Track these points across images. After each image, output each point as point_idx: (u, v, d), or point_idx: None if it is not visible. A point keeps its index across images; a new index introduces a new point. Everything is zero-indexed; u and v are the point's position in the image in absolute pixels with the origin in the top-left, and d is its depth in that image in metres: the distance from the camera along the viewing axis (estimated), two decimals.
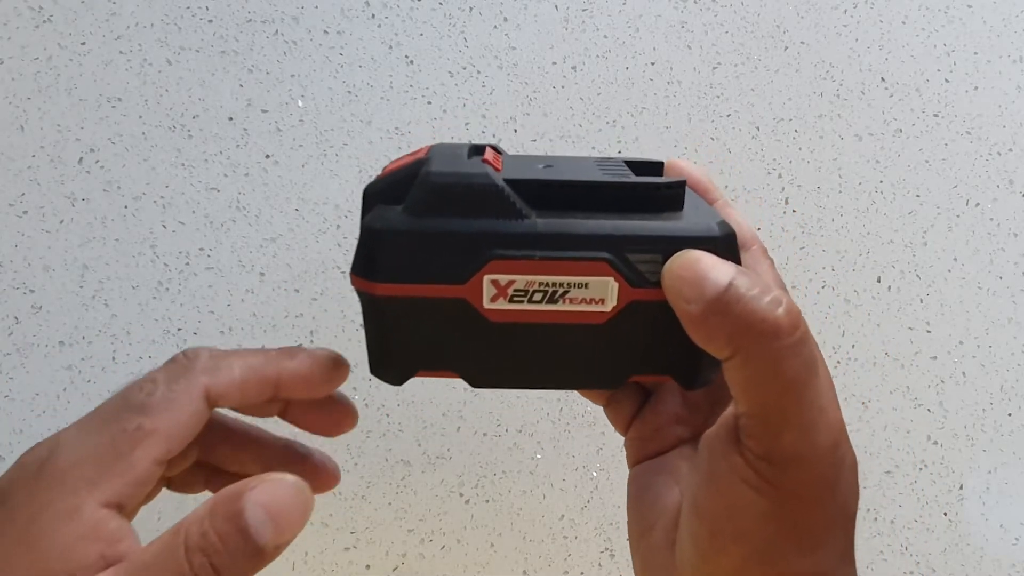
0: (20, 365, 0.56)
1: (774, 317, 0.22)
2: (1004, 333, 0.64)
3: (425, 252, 0.24)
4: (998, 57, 0.60)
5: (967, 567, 0.67)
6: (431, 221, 0.24)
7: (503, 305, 0.25)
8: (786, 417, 0.23)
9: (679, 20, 0.57)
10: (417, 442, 0.61)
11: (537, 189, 0.25)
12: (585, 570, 0.65)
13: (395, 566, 0.63)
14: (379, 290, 0.25)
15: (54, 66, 0.53)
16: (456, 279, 0.24)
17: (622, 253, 0.24)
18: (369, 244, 0.25)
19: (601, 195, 0.26)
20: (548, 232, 0.24)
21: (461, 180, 0.24)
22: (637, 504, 0.29)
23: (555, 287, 0.25)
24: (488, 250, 0.24)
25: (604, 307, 0.25)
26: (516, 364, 0.26)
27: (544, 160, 0.29)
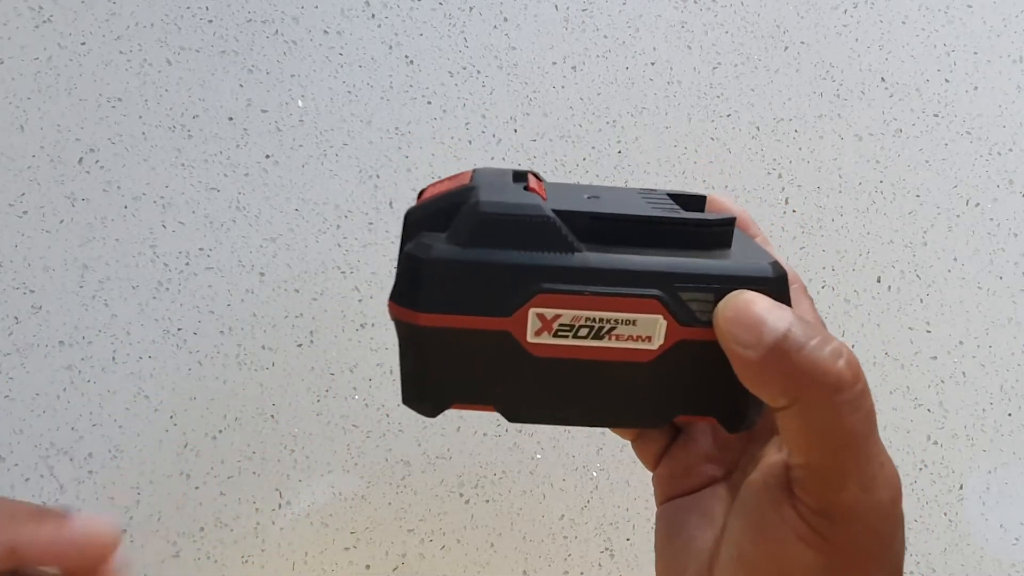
0: (20, 365, 0.56)
1: (837, 370, 0.21)
2: (1004, 333, 0.64)
3: (470, 283, 0.24)
4: (998, 57, 0.60)
5: (967, 567, 0.67)
6: (478, 251, 0.24)
7: (547, 340, 0.24)
8: (846, 472, 0.22)
9: (679, 20, 0.57)
10: (417, 442, 0.61)
11: (587, 222, 0.25)
12: (585, 570, 0.65)
13: (395, 566, 0.63)
14: (422, 320, 0.24)
15: (54, 66, 0.53)
16: (501, 311, 0.24)
17: (673, 291, 0.24)
18: (413, 273, 0.24)
19: (651, 230, 0.25)
20: (598, 267, 0.24)
21: (512, 211, 0.24)
22: (667, 545, 0.28)
23: (602, 323, 0.24)
24: (536, 283, 0.24)
25: (651, 345, 0.24)
26: (555, 400, 0.26)
27: (587, 190, 0.28)
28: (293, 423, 0.59)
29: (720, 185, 0.60)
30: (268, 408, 0.59)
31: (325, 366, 0.59)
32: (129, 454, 0.58)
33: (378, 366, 0.59)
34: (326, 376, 0.59)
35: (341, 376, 0.59)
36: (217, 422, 0.58)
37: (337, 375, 0.59)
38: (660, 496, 0.30)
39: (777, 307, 0.22)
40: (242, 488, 0.59)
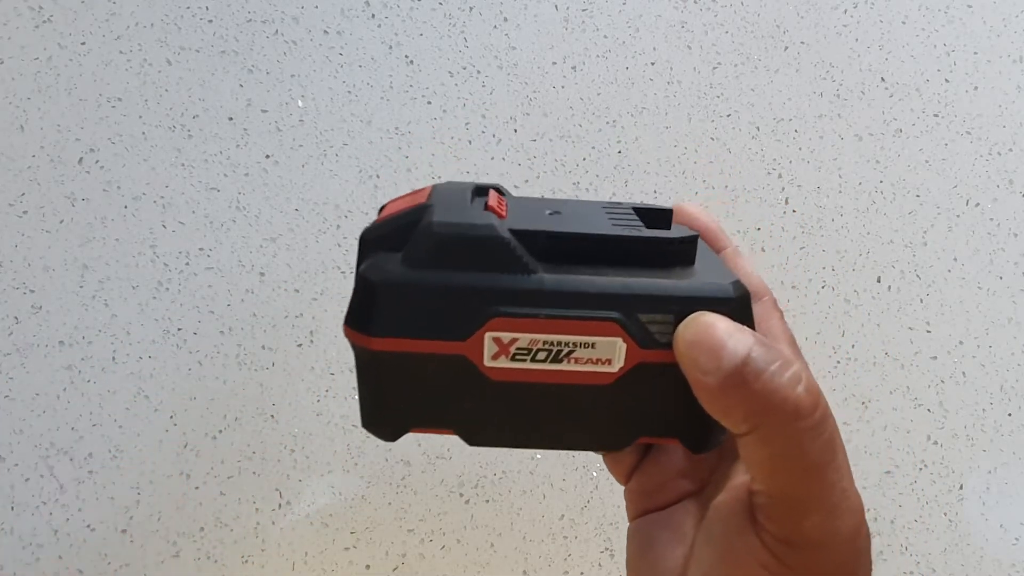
0: (20, 365, 0.56)
1: (795, 396, 0.21)
2: (1004, 333, 0.64)
3: (424, 306, 0.23)
4: (998, 57, 0.60)
5: (967, 567, 0.67)
6: (432, 274, 0.23)
7: (505, 363, 0.24)
8: (808, 500, 0.22)
9: (679, 20, 0.57)
10: (417, 442, 0.61)
11: (544, 241, 0.24)
12: (585, 570, 0.65)
13: (395, 566, 0.63)
14: (375, 344, 0.23)
15: (54, 66, 0.53)
16: (456, 336, 0.23)
17: (632, 313, 0.23)
18: (365, 296, 0.23)
19: (611, 249, 0.24)
20: (555, 289, 0.23)
21: (465, 231, 0.23)
22: (639, 562, 0.28)
23: (560, 346, 0.23)
24: (491, 306, 0.23)
25: (611, 368, 0.24)
26: (516, 423, 0.25)
27: (550, 205, 0.28)
28: (293, 423, 0.59)
29: (720, 185, 0.60)
30: (268, 408, 0.59)
31: (325, 366, 0.59)
32: (129, 454, 0.58)
33: None
34: (326, 376, 0.59)
35: (341, 376, 0.59)
36: (217, 422, 0.58)
37: (337, 375, 0.59)
38: (632, 511, 0.30)
39: (738, 330, 0.22)
40: (242, 488, 0.59)
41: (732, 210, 0.60)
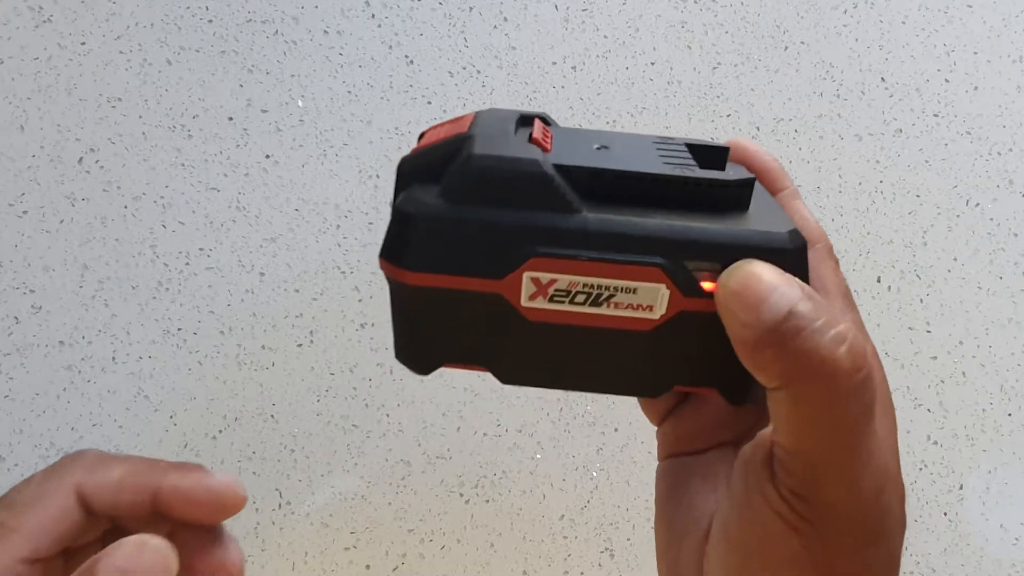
0: (20, 365, 0.56)
1: (833, 357, 0.20)
2: (1004, 333, 0.64)
3: (462, 242, 0.22)
4: (998, 57, 0.60)
5: (967, 567, 0.67)
6: (471, 209, 0.22)
7: (542, 304, 0.23)
8: (828, 462, 0.21)
9: (679, 20, 0.57)
10: (417, 442, 0.61)
11: (589, 178, 0.23)
12: (585, 570, 0.65)
13: (395, 566, 0.63)
14: (410, 279, 0.23)
15: (54, 66, 0.53)
16: (494, 274, 0.22)
17: (678, 259, 0.22)
18: (402, 229, 0.23)
19: (660, 190, 0.23)
20: (598, 230, 0.22)
21: (507, 166, 0.22)
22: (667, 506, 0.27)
23: (600, 290, 0.22)
24: (531, 246, 0.22)
25: (652, 314, 0.23)
26: (551, 365, 0.25)
27: (598, 138, 0.26)
28: (293, 423, 0.59)
29: None
30: (268, 408, 0.59)
31: (325, 366, 0.59)
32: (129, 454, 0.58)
33: (378, 366, 0.59)
34: (326, 376, 0.59)
35: (341, 376, 0.59)
36: (217, 422, 0.58)
37: (337, 375, 0.59)
38: (663, 451, 0.29)
39: (785, 282, 0.20)
40: None
41: None
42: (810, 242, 0.25)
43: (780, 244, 0.22)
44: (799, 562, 0.22)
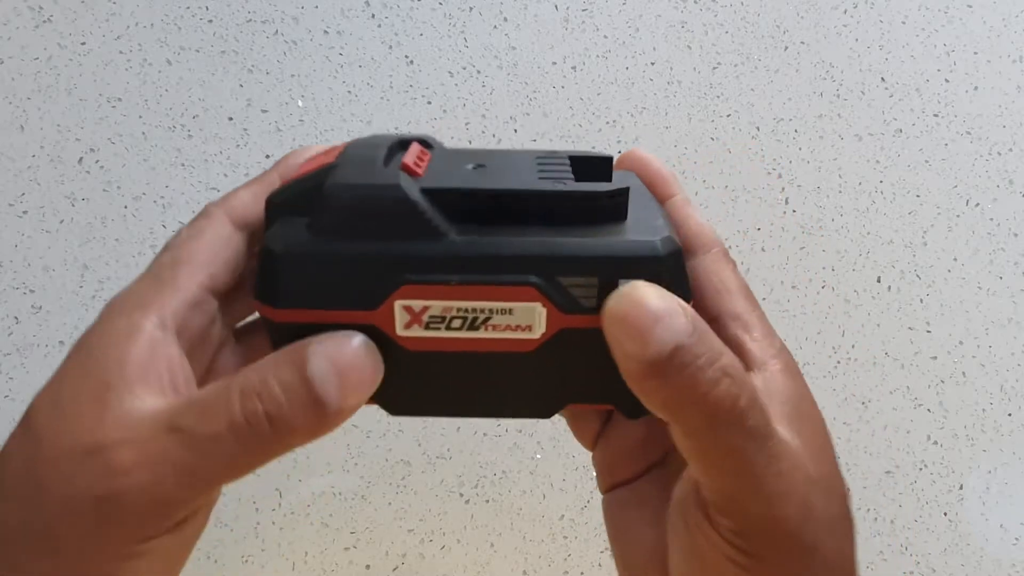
0: (20, 365, 0.56)
1: (714, 395, 0.20)
2: (1004, 333, 0.64)
3: (330, 276, 0.22)
4: (998, 57, 0.60)
5: (967, 567, 0.67)
6: (337, 242, 0.22)
7: (419, 332, 0.22)
8: (743, 491, 0.21)
9: (679, 20, 0.57)
10: (417, 442, 0.61)
11: (458, 200, 0.22)
12: (585, 570, 0.65)
13: (395, 566, 0.63)
14: (280, 316, 0.22)
15: (54, 66, 0.53)
16: (365, 305, 0.22)
17: (552, 276, 0.22)
18: (268, 267, 0.22)
19: (532, 206, 0.23)
20: (468, 253, 0.22)
21: (368, 194, 0.22)
22: (618, 545, 0.28)
23: (476, 313, 0.22)
24: (400, 274, 0.22)
25: (532, 334, 0.22)
26: (436, 392, 0.24)
27: (476, 157, 0.26)
28: None
29: (720, 185, 0.60)
30: None
31: None
32: None
33: None
34: None
35: None
36: None
37: None
38: (601, 483, 0.29)
39: (670, 311, 0.20)
40: (242, 488, 0.59)
41: (732, 210, 0.60)
42: (705, 247, 0.25)
43: (652, 252, 0.22)
44: None
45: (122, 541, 0.20)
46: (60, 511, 0.20)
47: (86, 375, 0.21)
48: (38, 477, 0.20)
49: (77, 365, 0.22)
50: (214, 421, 0.20)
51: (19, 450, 0.21)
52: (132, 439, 0.20)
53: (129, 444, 0.20)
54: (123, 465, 0.20)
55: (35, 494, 0.20)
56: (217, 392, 0.21)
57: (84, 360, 0.22)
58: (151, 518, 0.20)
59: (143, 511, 0.20)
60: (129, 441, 0.20)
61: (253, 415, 0.20)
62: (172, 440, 0.20)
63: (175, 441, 0.20)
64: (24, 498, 0.20)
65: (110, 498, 0.20)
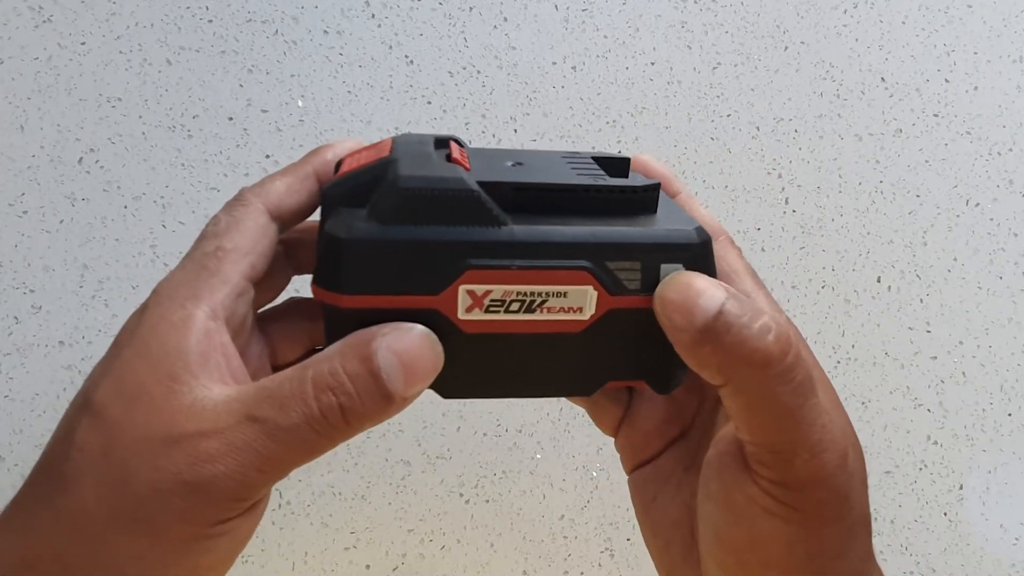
0: (20, 365, 0.56)
1: (764, 346, 0.22)
2: (1004, 333, 0.64)
3: (396, 262, 0.23)
4: (998, 57, 0.60)
5: (967, 567, 0.67)
6: (401, 229, 0.23)
7: (478, 315, 0.24)
8: (791, 443, 0.22)
9: (679, 20, 0.57)
10: (417, 442, 0.61)
11: (510, 193, 0.24)
12: (585, 570, 0.65)
13: (395, 566, 0.63)
14: (345, 302, 0.23)
15: (54, 66, 0.53)
16: (429, 290, 0.23)
17: (601, 261, 0.24)
18: (334, 254, 0.23)
19: (577, 199, 0.25)
20: (526, 240, 0.23)
21: (434, 185, 0.23)
22: (646, 519, 0.29)
23: (533, 296, 0.24)
24: (464, 259, 0.23)
25: (582, 316, 0.24)
26: (489, 374, 0.26)
27: (510, 156, 0.28)
28: None
29: (720, 185, 0.60)
30: None
31: None
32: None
33: None
34: None
35: None
36: None
37: None
38: (626, 465, 0.31)
39: (712, 286, 0.23)
40: None
41: (732, 210, 0.60)
42: (713, 235, 0.27)
43: (689, 240, 0.24)
44: (792, 549, 0.23)
45: (206, 523, 0.22)
46: (149, 495, 0.21)
47: (150, 365, 0.22)
48: (122, 464, 0.21)
49: (137, 355, 0.23)
50: (292, 413, 0.22)
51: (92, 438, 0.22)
52: (214, 429, 0.21)
53: (213, 434, 0.21)
54: (209, 453, 0.21)
55: (120, 480, 0.21)
56: (292, 384, 0.22)
57: (144, 350, 0.23)
58: (232, 501, 0.22)
59: (227, 495, 0.22)
60: (212, 431, 0.21)
61: (328, 408, 0.22)
62: (253, 430, 0.21)
63: (256, 431, 0.21)
64: (108, 483, 0.21)
65: (198, 484, 0.21)
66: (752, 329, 0.22)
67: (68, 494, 0.22)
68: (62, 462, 0.22)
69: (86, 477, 0.22)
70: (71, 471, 0.22)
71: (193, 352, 0.22)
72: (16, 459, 0.56)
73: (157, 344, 0.23)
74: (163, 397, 0.22)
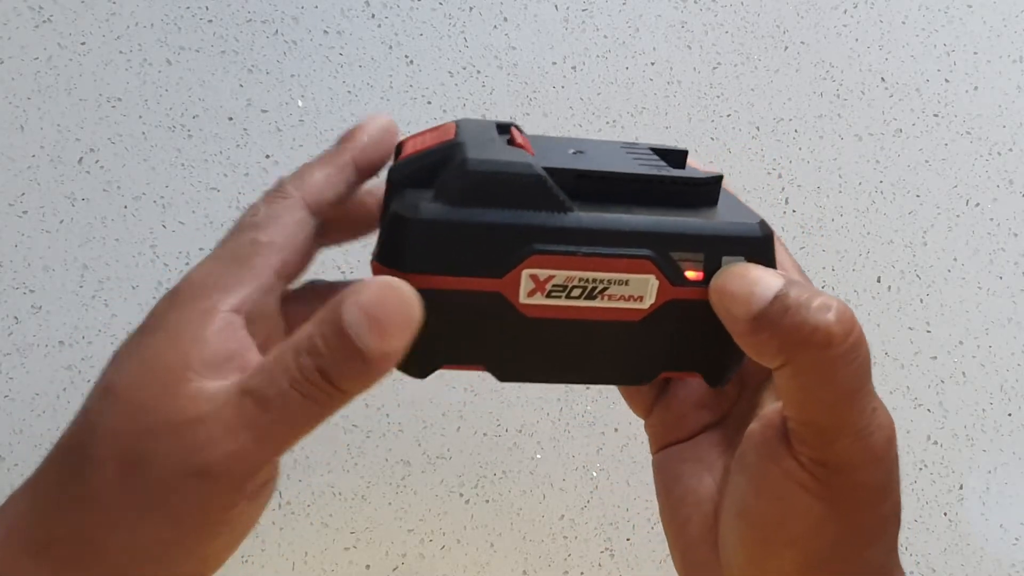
0: (20, 365, 0.56)
1: (825, 326, 0.21)
2: (1004, 333, 0.64)
3: (461, 244, 0.23)
4: (998, 57, 0.60)
5: (967, 567, 0.67)
6: (468, 211, 0.23)
7: (540, 300, 0.24)
8: (839, 425, 0.22)
9: (679, 20, 0.57)
10: (417, 442, 0.61)
11: (573, 180, 0.24)
12: (585, 570, 0.65)
13: (395, 566, 0.63)
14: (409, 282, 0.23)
15: (54, 66, 0.53)
16: (493, 273, 0.23)
17: (665, 251, 0.24)
18: (399, 233, 0.23)
19: (640, 188, 0.25)
20: (591, 227, 0.23)
21: (502, 169, 0.23)
22: (667, 496, 0.29)
23: (595, 283, 0.24)
24: (528, 244, 0.23)
25: (642, 305, 0.24)
26: (546, 359, 0.26)
27: (571, 144, 0.28)
28: None
29: None
30: None
31: None
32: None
33: None
34: None
35: None
36: None
37: None
38: (654, 444, 0.30)
39: (768, 275, 0.23)
40: None
41: None
42: None
43: (753, 233, 0.24)
44: (820, 526, 0.23)
45: (217, 507, 0.22)
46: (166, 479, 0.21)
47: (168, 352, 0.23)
48: (139, 449, 0.22)
49: (158, 342, 0.23)
50: (279, 381, 0.22)
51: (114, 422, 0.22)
52: (211, 412, 0.22)
53: (210, 417, 0.22)
54: (210, 437, 0.21)
55: (137, 465, 0.22)
56: (277, 353, 0.22)
57: (164, 337, 0.23)
58: (237, 481, 0.22)
59: (230, 477, 0.22)
60: (209, 414, 0.22)
61: (308, 370, 0.22)
62: (245, 403, 0.22)
63: (248, 404, 0.22)
64: (126, 467, 0.22)
65: (203, 469, 0.21)
66: (811, 309, 0.22)
67: (93, 475, 0.22)
68: (87, 443, 0.23)
69: (102, 460, 0.22)
70: (95, 454, 0.22)
71: (210, 343, 0.23)
72: (16, 459, 0.56)
73: (178, 332, 0.23)
74: (175, 384, 0.22)
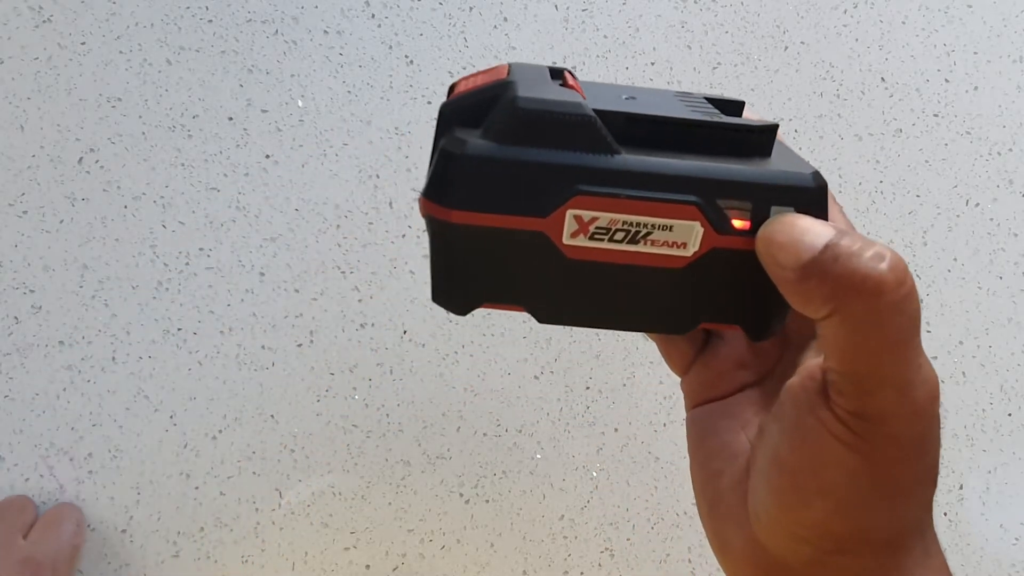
0: (20, 365, 0.56)
1: (878, 273, 0.21)
2: (1004, 333, 0.64)
3: (507, 182, 0.23)
4: (998, 57, 0.60)
5: (967, 567, 0.67)
6: (515, 149, 0.23)
7: (582, 242, 0.24)
8: (883, 376, 0.22)
9: (679, 20, 0.57)
10: (417, 442, 0.61)
11: (625, 123, 0.24)
12: (585, 570, 0.65)
13: (395, 566, 0.63)
14: (455, 217, 0.23)
15: (54, 66, 0.53)
16: (537, 212, 0.23)
17: (712, 198, 0.23)
18: (448, 169, 0.23)
19: (691, 134, 0.24)
20: (638, 170, 0.23)
21: (552, 108, 0.23)
22: (700, 449, 0.28)
23: (639, 227, 0.23)
24: (574, 184, 0.23)
25: (685, 252, 0.24)
26: (586, 302, 0.25)
27: (624, 90, 0.27)
28: (293, 423, 0.59)
29: None
30: (268, 408, 0.59)
31: (325, 366, 0.59)
32: (129, 454, 0.58)
33: (378, 366, 0.59)
34: (326, 376, 0.59)
35: (341, 376, 0.59)
36: (217, 422, 0.58)
37: (337, 375, 0.59)
38: (690, 401, 0.30)
39: (818, 225, 0.22)
40: (242, 488, 0.59)
41: None
42: None
43: (805, 183, 0.24)
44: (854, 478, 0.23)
45: None
46: None
47: None
48: None
49: None
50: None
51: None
52: None
53: None
54: None
55: None
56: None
57: None
58: None
59: None
60: None
61: None
62: None
63: None
64: None
65: None
66: (863, 257, 0.21)
67: None
68: None
69: None
70: None
71: None
72: (16, 459, 0.56)
73: None
74: None
